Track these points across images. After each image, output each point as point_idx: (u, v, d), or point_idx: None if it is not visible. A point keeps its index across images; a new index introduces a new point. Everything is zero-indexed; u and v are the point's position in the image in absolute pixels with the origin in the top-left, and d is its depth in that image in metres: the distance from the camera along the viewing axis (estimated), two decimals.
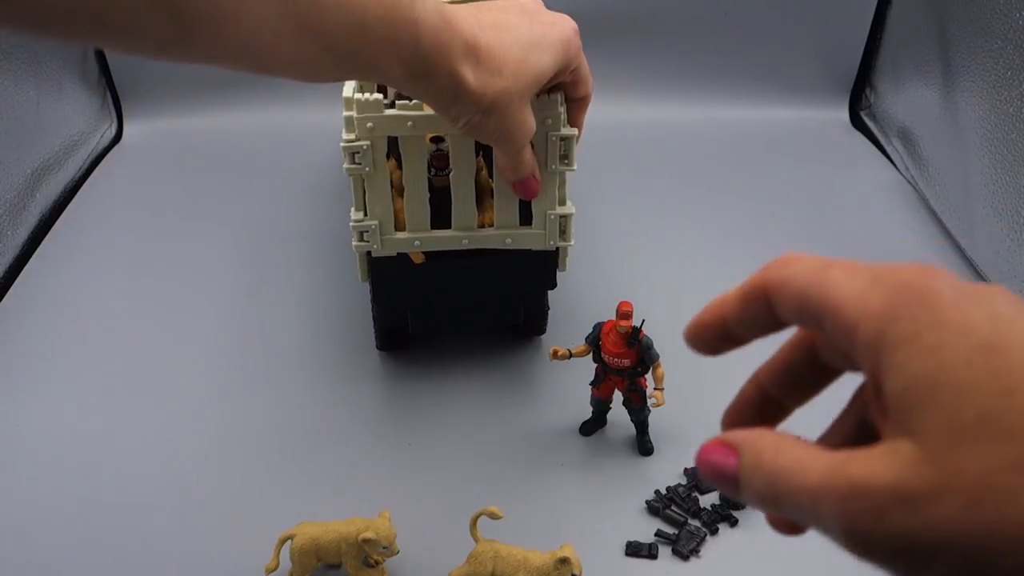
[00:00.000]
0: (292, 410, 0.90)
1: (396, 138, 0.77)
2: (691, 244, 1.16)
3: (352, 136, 0.76)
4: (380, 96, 0.75)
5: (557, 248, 0.85)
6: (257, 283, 1.08)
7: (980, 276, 1.08)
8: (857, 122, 1.46)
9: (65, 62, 1.28)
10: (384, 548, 0.70)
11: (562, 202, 0.83)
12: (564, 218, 0.83)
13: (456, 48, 0.59)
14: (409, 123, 0.75)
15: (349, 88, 0.77)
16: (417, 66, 0.58)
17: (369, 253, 0.83)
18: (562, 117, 0.77)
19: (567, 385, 0.89)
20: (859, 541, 0.29)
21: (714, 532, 0.77)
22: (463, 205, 0.81)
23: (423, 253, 0.83)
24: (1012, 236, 1.00)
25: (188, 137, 1.38)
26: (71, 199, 1.24)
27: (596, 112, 1.18)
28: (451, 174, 0.79)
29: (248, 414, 0.90)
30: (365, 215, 0.81)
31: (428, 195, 0.80)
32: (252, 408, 0.91)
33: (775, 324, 0.36)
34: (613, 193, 1.25)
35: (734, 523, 0.78)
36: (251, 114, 1.39)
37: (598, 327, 0.81)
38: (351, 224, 0.81)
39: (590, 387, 0.84)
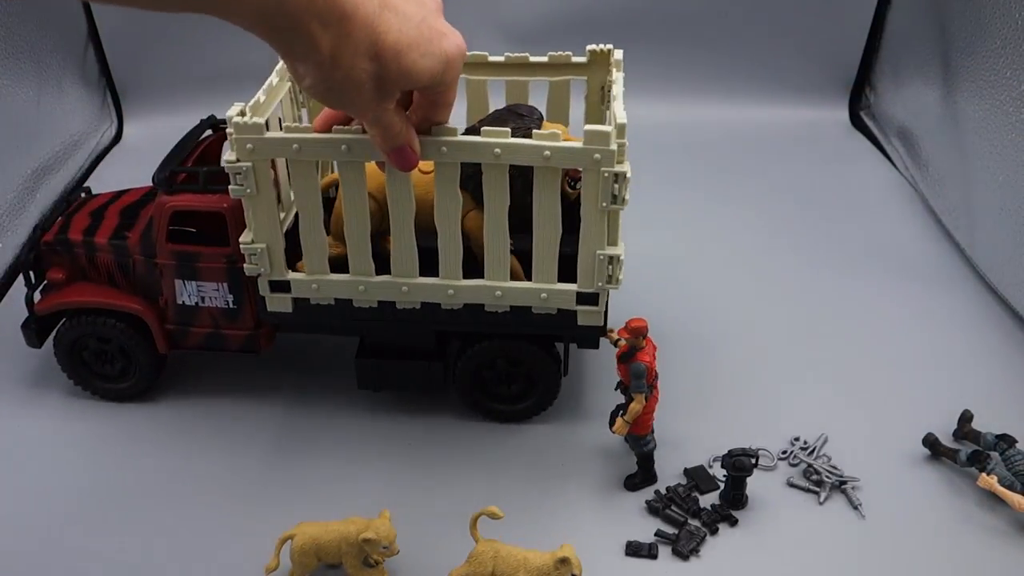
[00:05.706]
0: (292, 409, 0.90)
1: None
2: (690, 244, 1.15)
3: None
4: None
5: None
6: None
7: (980, 276, 1.08)
8: (857, 122, 1.46)
9: (65, 62, 1.28)
10: (384, 548, 0.70)
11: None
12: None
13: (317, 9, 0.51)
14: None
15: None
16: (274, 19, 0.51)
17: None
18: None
19: (568, 387, 0.89)
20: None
21: (714, 532, 0.77)
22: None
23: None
24: (1012, 236, 1.00)
25: None
26: None
27: None
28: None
29: (248, 413, 0.90)
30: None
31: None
32: (252, 407, 0.90)
33: None
34: None
35: (734, 523, 0.78)
36: None
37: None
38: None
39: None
